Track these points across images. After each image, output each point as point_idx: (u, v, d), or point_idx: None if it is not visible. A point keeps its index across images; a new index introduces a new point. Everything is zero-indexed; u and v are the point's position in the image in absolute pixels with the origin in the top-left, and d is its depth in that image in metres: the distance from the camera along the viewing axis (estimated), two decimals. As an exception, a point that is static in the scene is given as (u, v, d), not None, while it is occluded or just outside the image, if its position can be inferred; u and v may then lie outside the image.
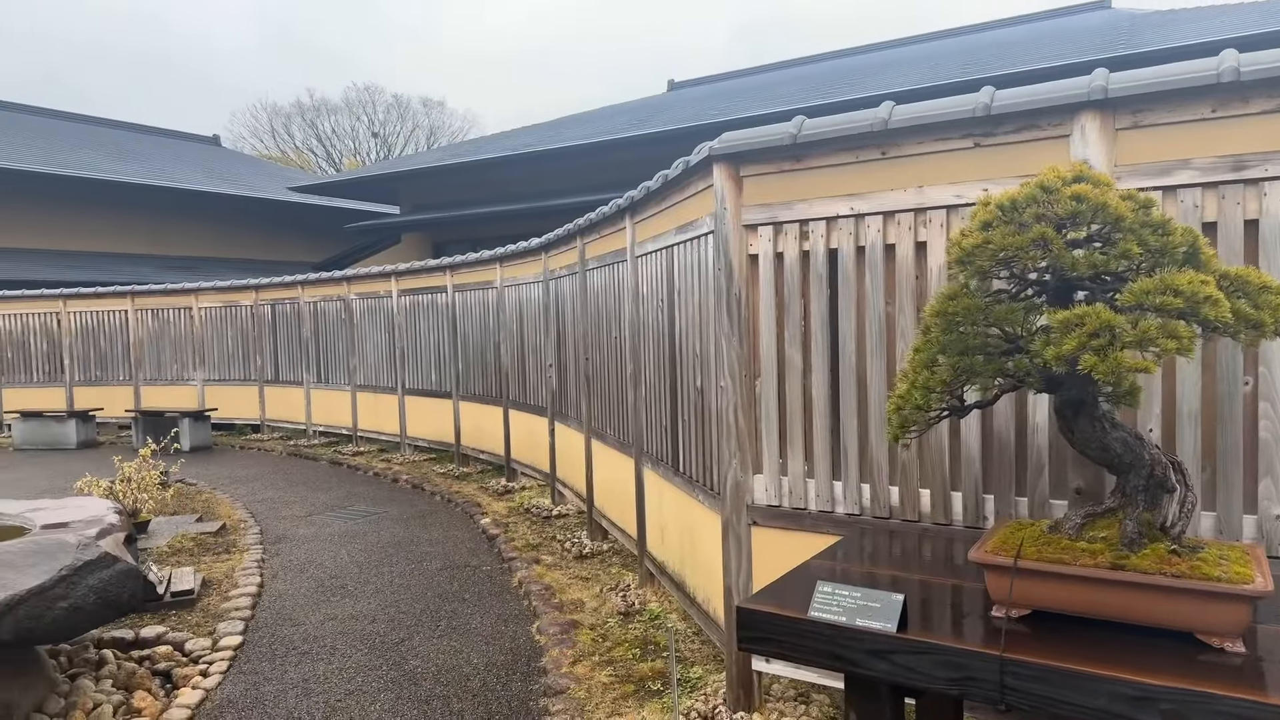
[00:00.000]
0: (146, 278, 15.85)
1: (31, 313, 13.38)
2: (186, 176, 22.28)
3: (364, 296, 10.76)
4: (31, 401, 12.82)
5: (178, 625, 4.45)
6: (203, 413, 11.38)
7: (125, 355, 13.09)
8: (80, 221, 19.81)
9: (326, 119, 41.43)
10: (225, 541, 6.15)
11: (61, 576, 3.19)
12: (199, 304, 12.67)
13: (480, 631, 4.35)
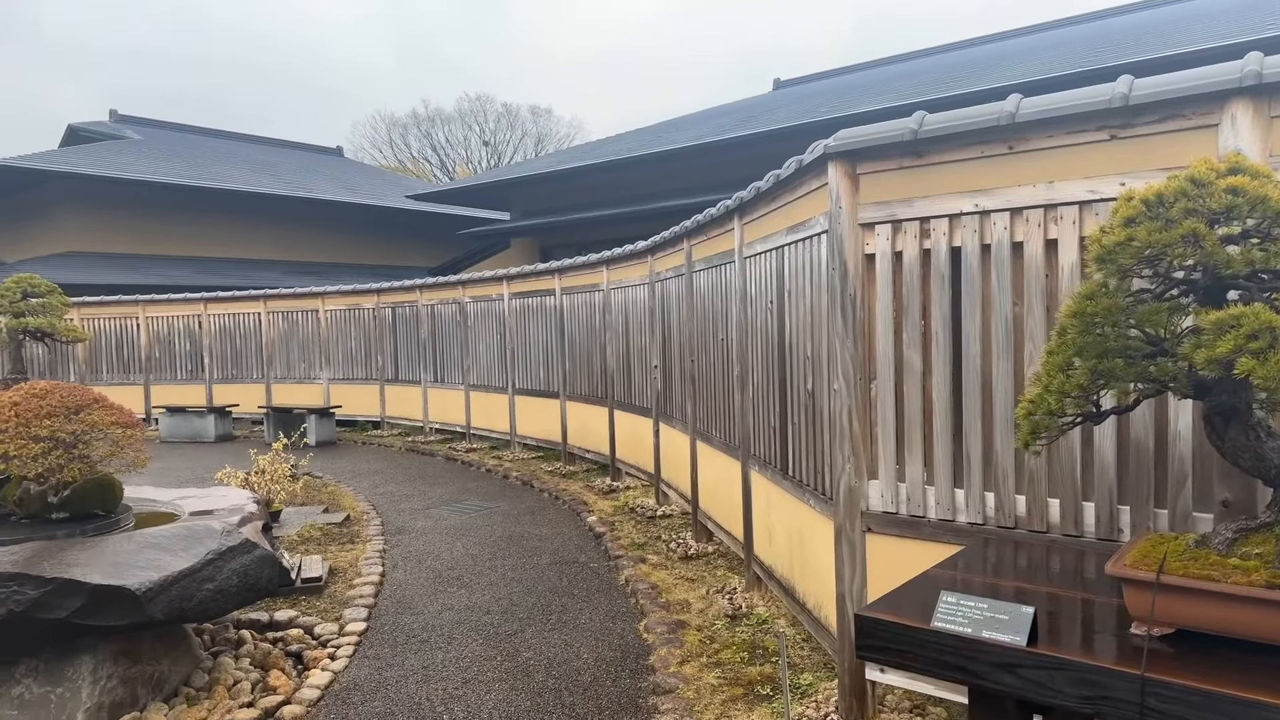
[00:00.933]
0: (277, 282, 16.87)
1: (177, 315, 14.48)
2: (313, 187, 23.59)
3: (477, 300, 11.13)
4: (175, 397, 13.86)
5: (307, 610, 4.72)
6: (328, 410, 12.03)
7: (258, 355, 14.00)
8: (218, 230, 21.28)
9: (440, 129, 43.01)
10: (349, 532, 6.48)
11: (208, 560, 3.44)
12: (325, 307, 13.41)
13: (589, 627, 4.42)
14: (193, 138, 25.10)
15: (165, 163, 21.11)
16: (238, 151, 24.93)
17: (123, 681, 3.34)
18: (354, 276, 19.56)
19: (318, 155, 28.62)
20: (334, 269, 21.98)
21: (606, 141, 23.00)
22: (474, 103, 42.42)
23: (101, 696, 3.24)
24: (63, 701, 3.19)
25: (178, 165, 21.24)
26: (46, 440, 3.39)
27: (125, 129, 23.68)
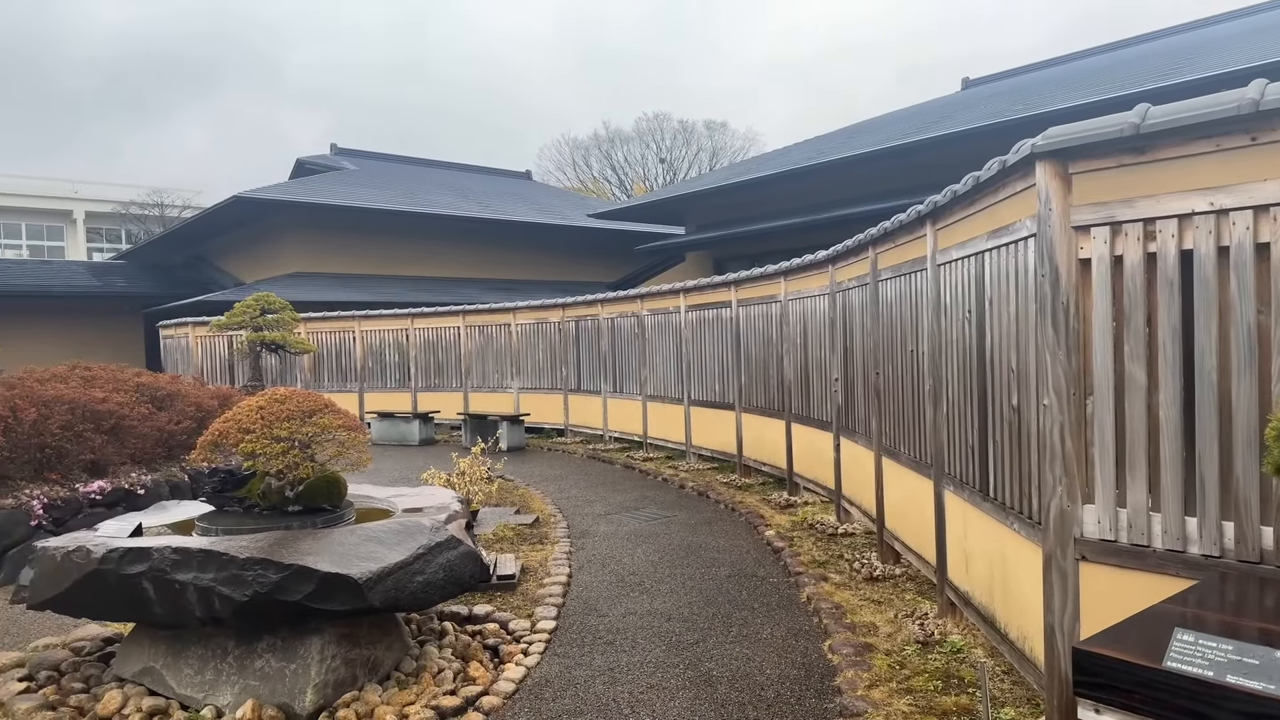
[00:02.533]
0: (473, 298, 18.05)
1: (387, 329, 15.85)
2: (505, 209, 25.04)
3: (654, 313, 11.35)
4: (385, 404, 15.14)
5: (502, 606, 4.99)
6: (518, 417, 12.71)
7: (457, 365, 15.04)
8: (423, 251, 23.06)
9: (619, 149, 44.36)
10: (539, 533, 6.79)
11: (419, 554, 3.72)
12: (516, 321, 14.19)
13: (771, 642, 4.37)
14: (400, 167, 27.41)
15: (376, 190, 23.20)
16: (439, 178, 26.96)
17: (345, 662, 3.68)
18: (541, 292, 20.55)
19: (509, 179, 30.39)
20: (523, 285, 23.20)
21: (782, 152, 22.79)
22: (651, 121, 43.43)
23: (327, 674, 3.59)
24: (295, 676, 3.56)
25: (387, 192, 23.26)
26: (285, 440, 3.82)
27: (343, 161, 26.25)
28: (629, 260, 25.72)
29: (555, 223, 24.86)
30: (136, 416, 6.96)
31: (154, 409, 7.37)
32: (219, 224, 22.52)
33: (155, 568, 3.43)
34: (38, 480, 6.18)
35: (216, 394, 8.62)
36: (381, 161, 27.52)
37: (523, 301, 14.38)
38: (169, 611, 3.51)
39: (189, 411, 7.72)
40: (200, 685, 3.60)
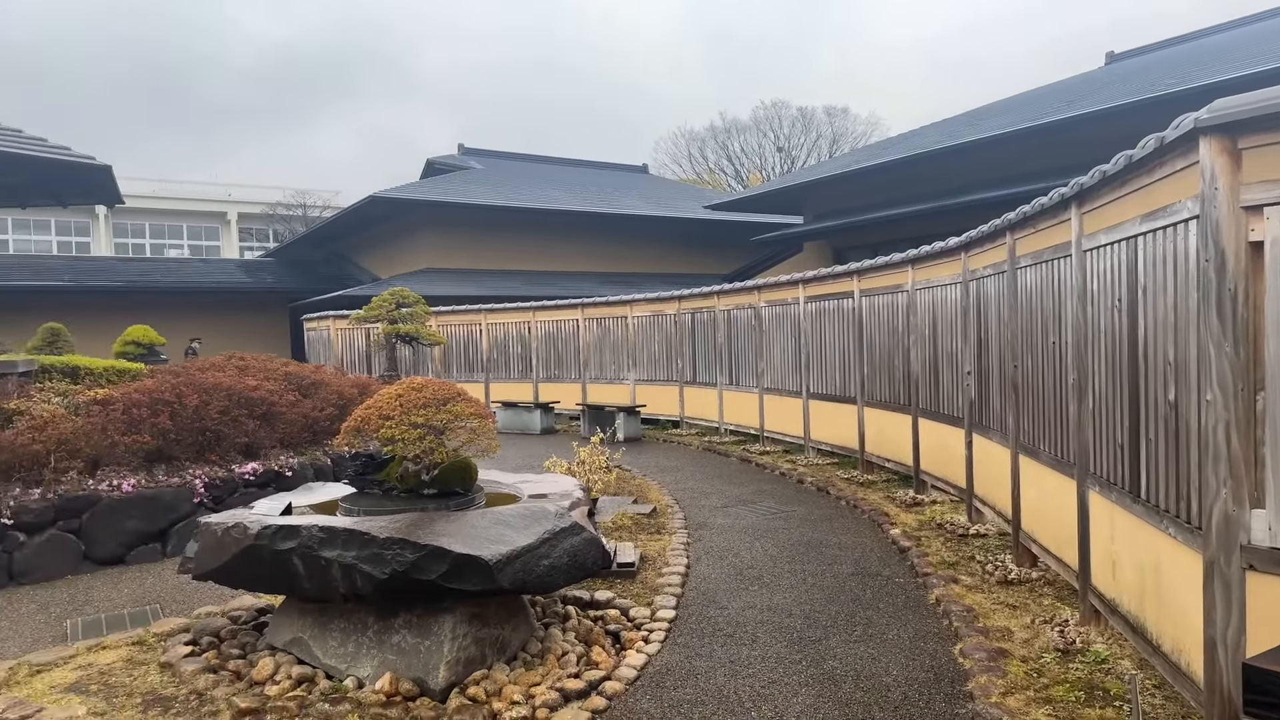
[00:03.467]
0: (591, 292, 18.36)
1: (510, 322, 16.35)
2: (621, 203, 25.31)
3: (772, 304, 11.20)
4: (509, 394, 15.63)
5: (622, 593, 5.05)
6: (634, 408, 12.84)
7: (575, 357, 15.35)
8: (543, 245, 23.62)
9: (736, 139, 43.98)
10: (656, 523, 6.84)
11: (545, 539, 3.82)
12: (633, 313, 14.34)
13: (897, 644, 4.24)
14: (522, 164, 28.17)
15: (500, 188, 23.93)
16: (558, 175, 27.54)
17: (475, 641, 3.82)
18: (656, 284, 20.67)
19: (625, 173, 30.69)
20: (639, 278, 23.40)
21: (906, 136, 21.98)
22: (769, 110, 42.82)
23: (459, 652, 3.74)
24: (429, 652, 3.72)
25: (509, 190, 23.96)
26: (422, 427, 4.00)
27: (470, 160, 27.22)
28: (745, 251, 25.49)
29: (670, 215, 24.94)
30: (285, 403, 7.46)
31: (300, 396, 7.88)
32: (356, 223, 23.83)
33: (304, 544, 3.67)
34: (199, 461, 6.73)
35: (356, 383, 9.14)
36: (505, 160, 28.37)
37: (639, 294, 14.51)
38: (316, 586, 3.75)
39: (331, 399, 8.21)
40: (343, 656, 3.82)
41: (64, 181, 8.91)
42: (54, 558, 5.66)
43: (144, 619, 4.79)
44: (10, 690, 3.78)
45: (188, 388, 6.74)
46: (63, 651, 4.22)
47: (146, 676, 3.90)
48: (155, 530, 6.11)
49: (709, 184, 42.11)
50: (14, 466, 5.73)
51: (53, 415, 6.11)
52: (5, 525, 5.48)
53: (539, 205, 23.06)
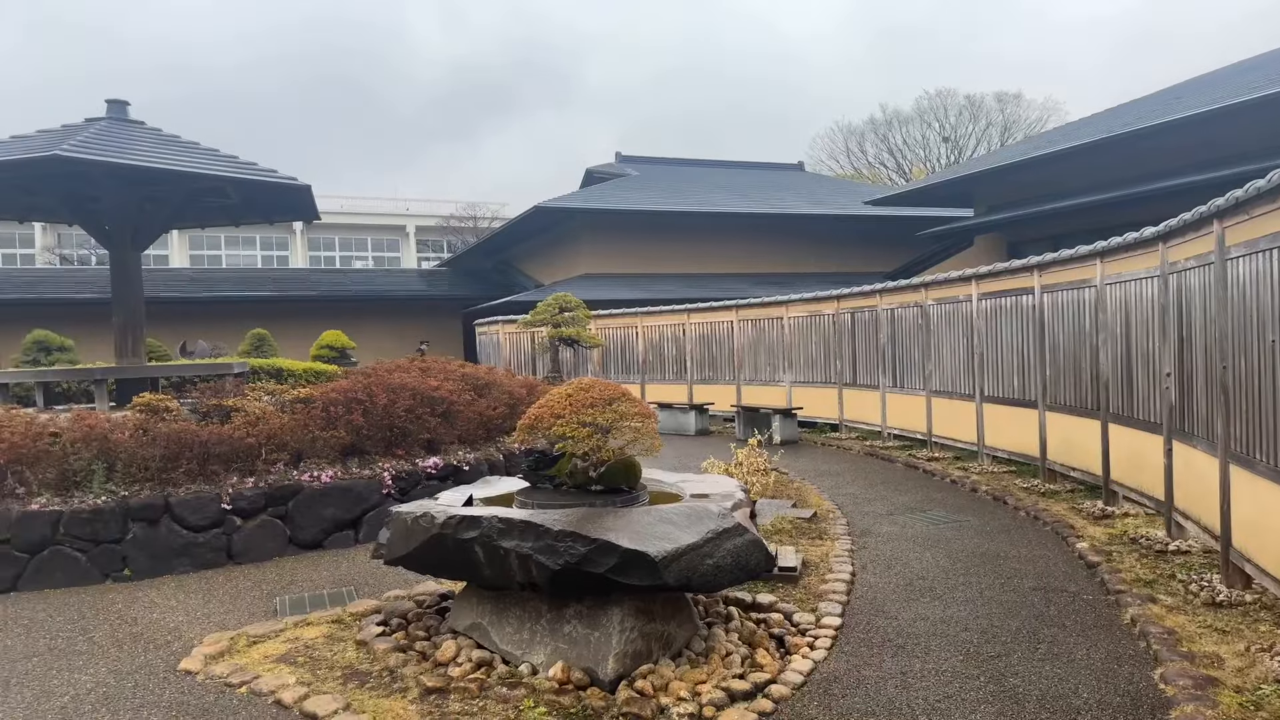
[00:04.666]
0: (745, 293, 18.27)
1: (665, 324, 16.56)
2: (776, 202, 25.02)
3: (940, 302, 10.70)
4: (664, 395, 15.83)
5: (784, 597, 4.99)
6: (790, 411, 12.65)
7: (730, 359, 15.32)
8: (697, 248, 23.76)
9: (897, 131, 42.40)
10: (817, 528, 6.71)
11: (708, 538, 3.84)
12: (788, 314, 14.14)
13: (1086, 665, 3.93)
14: (677, 169, 28.48)
15: (655, 193, 24.30)
16: (713, 177, 27.61)
17: (641, 635, 3.90)
18: (812, 284, 20.27)
19: (780, 172, 30.32)
20: (794, 278, 23.04)
21: (1088, 121, 20.36)
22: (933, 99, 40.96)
23: (626, 645, 3.82)
24: (598, 644, 3.83)
25: (664, 195, 24.28)
26: (590, 425, 4.13)
27: (627, 167, 27.82)
28: (907, 248, 24.51)
29: (826, 212, 24.38)
30: (462, 402, 7.93)
31: (476, 396, 8.35)
32: (521, 232, 24.95)
33: (484, 534, 3.89)
34: (387, 455, 7.27)
35: (525, 383, 9.57)
36: (660, 165, 28.77)
37: (795, 295, 14.28)
38: (494, 574, 3.96)
39: (503, 398, 8.64)
40: (518, 643, 4.01)
41: (272, 201, 9.91)
42: (264, 541, 6.29)
43: (340, 599, 5.23)
44: (232, 658, 4.24)
45: (377, 388, 7.30)
46: (274, 625, 4.69)
47: (345, 652, 4.25)
48: (349, 518, 6.66)
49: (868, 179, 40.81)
50: (232, 458, 6.43)
51: (263, 412, 6.80)
52: (225, 510, 6.15)
53: (692, 208, 23.21)
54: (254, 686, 3.86)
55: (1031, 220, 17.40)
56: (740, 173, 29.06)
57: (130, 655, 4.35)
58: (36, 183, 8.33)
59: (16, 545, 5.62)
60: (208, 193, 9.13)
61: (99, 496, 5.89)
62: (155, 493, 6.02)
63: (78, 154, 7.38)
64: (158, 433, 6.18)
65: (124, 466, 6.07)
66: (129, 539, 5.84)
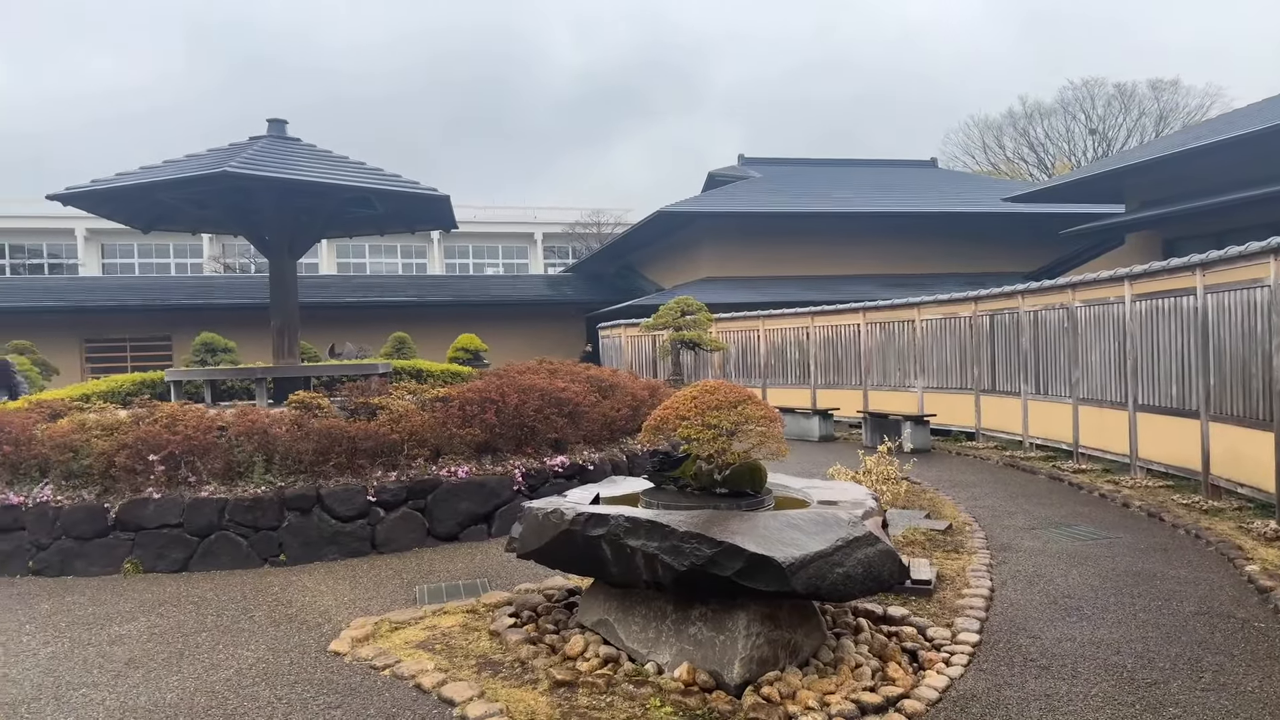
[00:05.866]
0: (871, 295, 17.75)
1: (788, 328, 16.31)
2: (906, 200, 24.19)
3: (1089, 303, 10.03)
4: (786, 399, 15.59)
5: (917, 611, 4.81)
6: (922, 417, 12.18)
7: (856, 363, 14.92)
8: (821, 250, 23.30)
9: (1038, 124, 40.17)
10: (953, 541, 6.43)
11: (838, 546, 3.76)
12: (920, 316, 13.62)
13: (1260, 699, 3.59)
14: (802, 169, 28.03)
15: (779, 195, 24.01)
16: (839, 176, 27.01)
17: (767, 641, 3.86)
18: (944, 285, 19.46)
19: (911, 169, 29.31)
20: (924, 279, 22.20)
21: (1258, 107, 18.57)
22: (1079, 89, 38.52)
23: (752, 650, 3.79)
24: (723, 647, 3.82)
25: (787, 196, 23.95)
26: (715, 428, 4.12)
27: (749, 170, 27.63)
28: (1049, 247, 23.14)
29: (960, 210, 23.36)
30: (588, 403, 8.09)
31: (600, 397, 8.50)
32: (644, 237, 25.22)
33: (611, 532, 3.95)
34: (517, 453, 7.50)
35: (647, 385, 9.67)
36: (784, 166, 28.40)
37: (929, 297, 13.72)
38: (621, 571, 4.02)
39: (626, 400, 8.76)
40: (644, 641, 4.05)
41: (414, 211, 10.45)
42: (405, 532, 6.62)
43: (475, 590, 5.44)
44: (375, 642, 4.49)
45: (509, 388, 7.56)
46: (413, 613, 4.93)
47: (479, 642, 4.42)
48: (483, 513, 6.92)
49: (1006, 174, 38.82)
50: (377, 453, 6.81)
51: (405, 410, 7.17)
52: (370, 502, 6.53)
53: (815, 209, 22.77)
54: (396, 670, 4.07)
55: (1191, 216, 16.06)
56: (869, 171, 28.27)
57: (285, 635, 4.68)
58: (208, 197, 9.12)
59: (188, 529, 6.16)
60: (356, 204, 9.73)
61: (259, 486, 6.38)
62: (308, 484, 6.47)
63: (243, 170, 8.03)
64: (311, 428, 6.63)
65: (281, 459, 6.55)
66: (284, 526, 6.29)
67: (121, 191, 8.59)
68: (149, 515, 6.16)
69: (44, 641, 4.66)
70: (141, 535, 6.13)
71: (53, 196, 8.73)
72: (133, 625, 4.91)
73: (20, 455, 6.54)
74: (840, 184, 25.73)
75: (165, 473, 6.32)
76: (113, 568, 6.08)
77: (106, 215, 10.05)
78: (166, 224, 10.54)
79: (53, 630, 4.85)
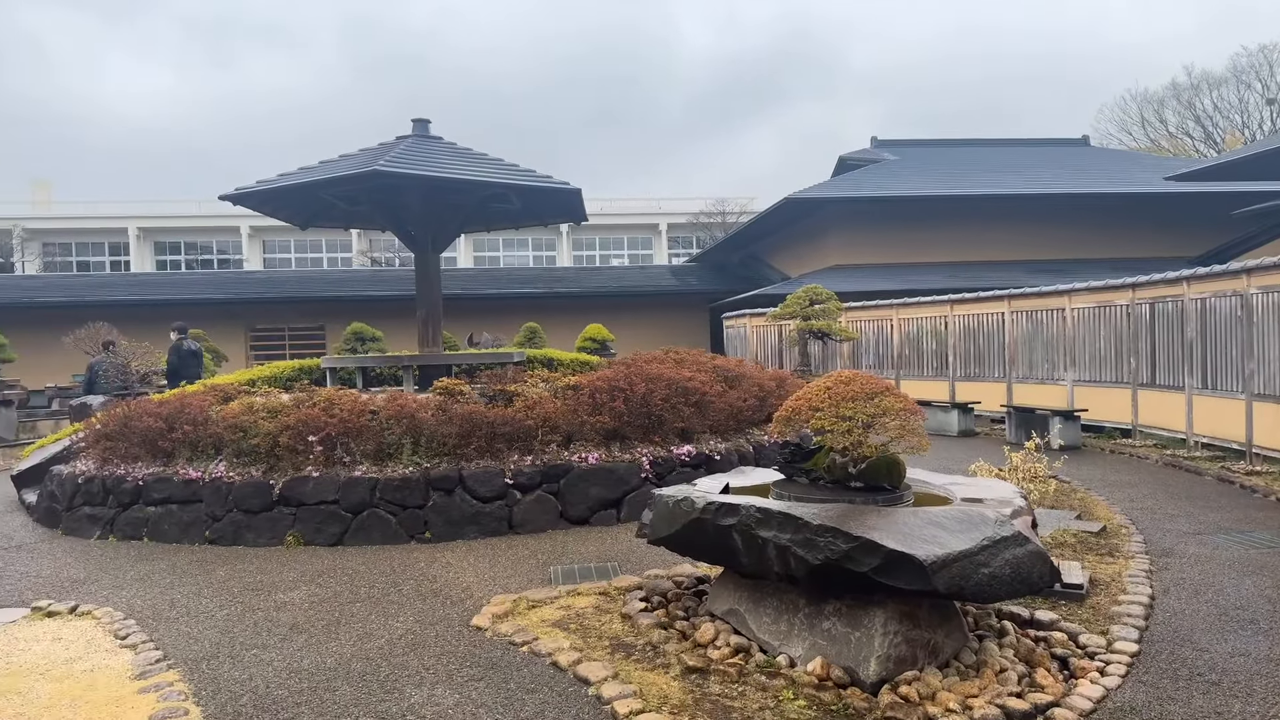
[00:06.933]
0: (1014, 282, 16.79)
1: (924, 317, 15.69)
2: (1053, 181, 22.75)
3: (1268, 290, 9.12)
4: (921, 392, 15.01)
5: (1068, 616, 4.54)
6: (1072, 413, 11.45)
7: (999, 354, 14.17)
8: (960, 235, 22.26)
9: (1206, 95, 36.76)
10: (1107, 544, 6.02)
11: (984, 545, 3.59)
12: (1071, 304, 12.78)
13: None
14: (939, 151, 26.84)
15: (915, 178, 23.09)
16: (981, 157, 25.71)
17: (906, 640, 3.74)
18: (1095, 272, 18.19)
19: (1060, 148, 27.53)
20: (1073, 265, 20.82)
21: None
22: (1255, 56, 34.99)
23: (889, 649, 3.69)
24: (858, 644, 3.74)
25: (922, 179, 22.99)
26: (850, 420, 4.03)
27: (883, 152, 26.70)
28: (1217, 229, 21.17)
29: (1114, 190, 21.73)
30: (714, 393, 8.09)
31: (726, 387, 8.48)
32: (769, 225, 24.87)
33: (743, 522, 3.94)
34: (644, 441, 7.60)
35: (774, 376, 9.55)
36: (920, 148, 27.28)
37: (1081, 283, 12.85)
38: (752, 562, 4.00)
39: (752, 390, 8.69)
40: (775, 634, 4.02)
41: (548, 205, 10.74)
42: (539, 514, 6.85)
43: (606, 573, 5.56)
44: (514, 619, 4.67)
45: (637, 377, 7.66)
46: (549, 593, 5.09)
47: (611, 624, 4.52)
48: (612, 498, 7.06)
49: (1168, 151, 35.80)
50: (513, 438, 7.07)
51: (539, 397, 7.40)
52: (507, 484, 6.78)
53: (952, 191, 21.73)
54: (534, 647, 4.22)
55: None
56: (1013, 151, 26.73)
57: (431, 608, 4.95)
58: (359, 194, 9.69)
59: (343, 505, 6.61)
60: (494, 199, 10.08)
61: (407, 467, 6.76)
62: (451, 466, 6.79)
63: (392, 168, 8.48)
64: (454, 413, 6.95)
65: (426, 442, 6.90)
66: (429, 505, 6.64)
67: (283, 191, 9.27)
68: (309, 492, 6.64)
69: (220, 605, 5.12)
70: (302, 510, 6.63)
71: (224, 197, 9.52)
72: (295, 593, 5.31)
73: (199, 434, 7.20)
74: (980, 165, 24.46)
75: (323, 453, 6.80)
76: (276, 540, 6.60)
77: (269, 213, 10.86)
78: (322, 221, 11.28)
79: (227, 595, 5.32)
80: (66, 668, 4.17)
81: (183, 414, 7.31)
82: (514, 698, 3.68)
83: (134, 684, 3.93)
